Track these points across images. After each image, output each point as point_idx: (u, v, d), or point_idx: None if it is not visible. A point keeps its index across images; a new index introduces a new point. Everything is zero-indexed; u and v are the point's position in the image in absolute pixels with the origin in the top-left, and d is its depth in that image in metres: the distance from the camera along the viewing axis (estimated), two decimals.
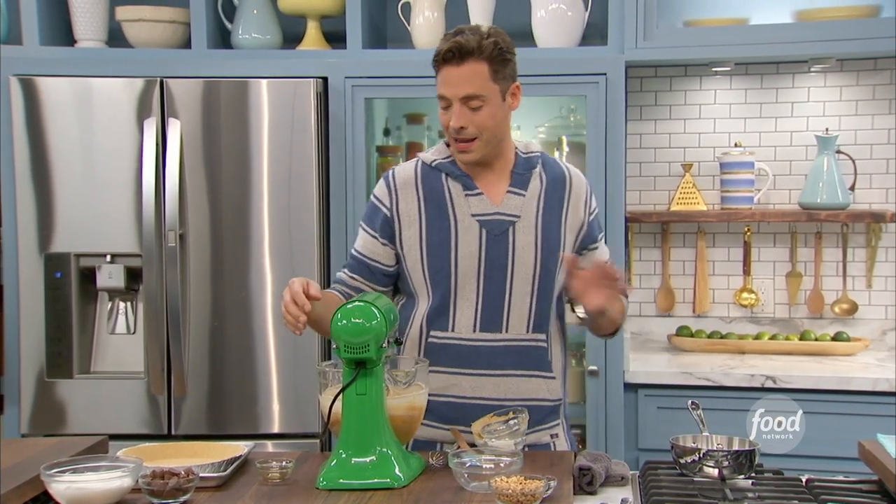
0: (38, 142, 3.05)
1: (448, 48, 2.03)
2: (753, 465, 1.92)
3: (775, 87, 3.49)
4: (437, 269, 2.11)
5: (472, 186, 2.14)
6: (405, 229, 2.14)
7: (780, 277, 3.53)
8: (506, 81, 2.08)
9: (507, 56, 2.07)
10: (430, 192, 2.15)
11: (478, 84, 2.03)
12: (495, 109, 2.07)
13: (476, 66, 2.03)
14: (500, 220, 2.12)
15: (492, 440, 2.00)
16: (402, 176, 2.18)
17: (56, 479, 1.75)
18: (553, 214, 2.16)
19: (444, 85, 2.05)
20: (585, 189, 2.22)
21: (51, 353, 3.06)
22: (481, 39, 2.03)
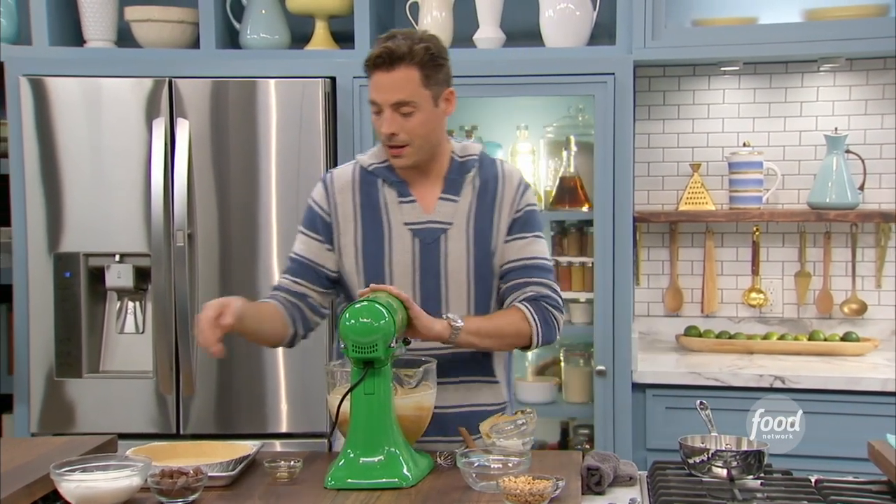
0: (47, 142, 3.06)
1: (378, 53, 2.00)
2: (762, 466, 1.91)
3: (784, 87, 3.48)
4: (372, 278, 2.09)
5: (405, 193, 2.12)
6: (343, 235, 2.14)
7: (788, 277, 3.52)
8: (438, 87, 2.06)
9: (440, 61, 2.05)
10: (366, 197, 2.13)
11: (409, 90, 2.01)
12: (427, 115, 2.05)
13: (407, 71, 2.00)
14: (431, 228, 2.11)
15: (500, 440, 2.00)
16: (340, 180, 2.16)
17: (65, 478, 1.76)
18: (485, 219, 2.13)
19: (375, 90, 2.03)
20: (516, 188, 2.16)
21: (60, 353, 3.07)
22: (412, 45, 2.01)
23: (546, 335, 2.11)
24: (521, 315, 2.09)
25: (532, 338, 2.10)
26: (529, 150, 3.47)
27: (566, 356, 3.41)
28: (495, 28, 3.26)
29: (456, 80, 3.08)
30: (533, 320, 2.09)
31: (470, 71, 3.10)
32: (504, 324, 2.09)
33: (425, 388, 2.03)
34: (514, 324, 2.08)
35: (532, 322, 2.09)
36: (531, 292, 2.12)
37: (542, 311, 2.11)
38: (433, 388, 2.04)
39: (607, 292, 3.09)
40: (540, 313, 2.11)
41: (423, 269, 2.09)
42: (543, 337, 2.11)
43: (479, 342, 2.06)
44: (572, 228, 3.43)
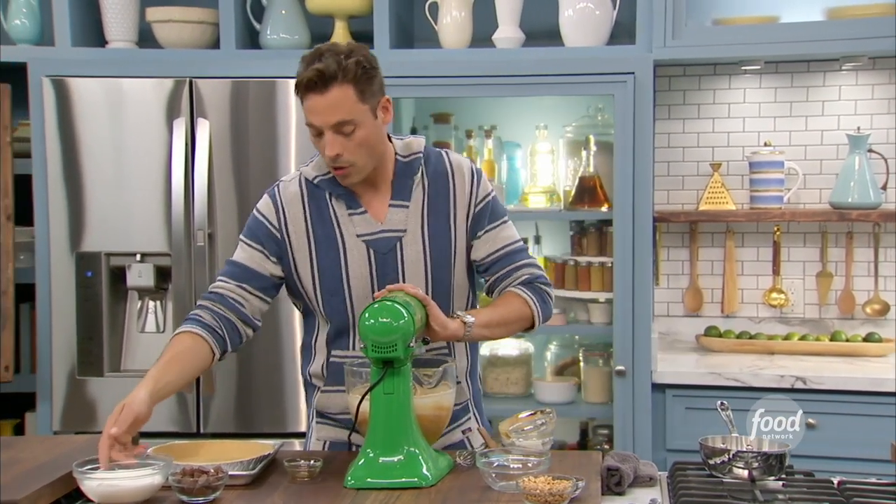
0: (69, 142, 3.09)
1: (309, 77, 1.92)
2: (784, 467, 1.90)
3: (806, 86, 3.45)
4: (331, 294, 2.07)
5: (355, 205, 2.07)
6: (296, 252, 2.09)
7: (810, 277, 3.50)
8: (374, 98, 2.00)
9: (372, 73, 1.98)
10: (316, 211, 2.08)
11: (346, 109, 1.94)
12: (368, 130, 1.99)
13: (341, 90, 1.93)
14: (385, 237, 2.07)
15: (519, 440, 2.00)
16: (288, 194, 2.10)
17: (88, 476, 1.77)
18: (440, 220, 2.09)
19: (312, 114, 1.95)
20: (468, 179, 2.10)
21: (82, 352, 3.09)
22: (342, 61, 1.92)
23: (545, 314, 2.15)
24: (521, 300, 2.10)
25: (534, 319, 2.12)
26: (549, 149, 3.46)
27: (585, 356, 3.40)
28: (515, 28, 3.26)
29: (475, 79, 3.12)
30: (533, 303, 2.11)
31: (489, 71, 3.11)
32: (509, 312, 2.09)
33: (444, 387, 2.03)
34: (517, 310, 2.10)
35: (532, 305, 2.11)
36: (525, 275, 2.13)
37: (538, 291, 2.13)
38: (452, 388, 2.04)
39: (627, 292, 3.08)
40: (537, 294, 2.12)
41: (381, 278, 2.06)
42: (543, 316, 2.14)
43: (489, 334, 2.08)
44: (591, 228, 3.42)
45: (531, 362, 3.48)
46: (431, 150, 2.15)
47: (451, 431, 2.15)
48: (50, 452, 1.97)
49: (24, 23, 3.34)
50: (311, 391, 2.20)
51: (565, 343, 3.58)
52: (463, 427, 2.18)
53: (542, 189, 3.42)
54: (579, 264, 3.38)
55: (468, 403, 2.20)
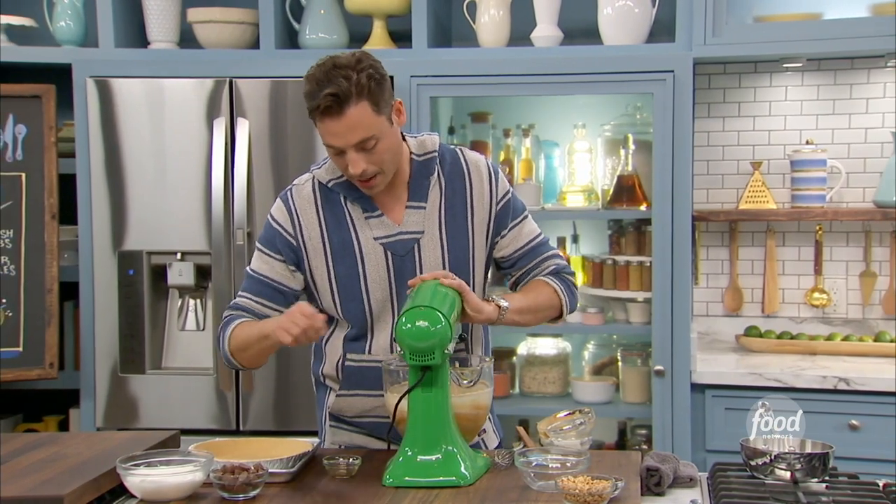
0: (112, 142, 3.13)
1: (327, 104, 1.88)
2: (827, 469, 1.88)
3: (849, 83, 3.41)
4: (349, 299, 2.06)
5: (372, 208, 2.04)
6: (312, 258, 2.06)
7: (853, 277, 3.45)
8: (388, 106, 1.95)
9: (382, 81, 1.94)
10: (331, 215, 2.05)
11: (366, 126, 1.90)
12: (388, 138, 1.96)
13: (358, 109, 1.89)
14: (403, 239, 2.05)
15: (558, 439, 1.99)
16: (302, 201, 2.07)
17: (131, 473, 1.79)
18: (457, 220, 2.07)
19: (331, 137, 1.92)
20: (486, 178, 2.08)
21: (124, 349, 3.13)
22: (355, 76, 1.88)
23: (572, 305, 2.16)
24: (551, 289, 2.12)
25: (562, 309, 2.13)
26: (587, 148, 3.44)
27: (623, 356, 3.38)
28: (553, 26, 3.25)
29: (513, 78, 3.11)
30: (562, 293, 2.12)
31: (527, 69, 3.10)
32: (540, 299, 2.10)
33: (482, 386, 2.03)
34: (548, 298, 2.11)
35: (561, 294, 2.12)
36: (552, 266, 2.14)
37: (565, 282, 2.15)
38: (490, 387, 2.04)
39: (665, 292, 3.06)
40: (564, 284, 2.14)
41: (400, 282, 2.04)
42: (570, 307, 2.16)
43: (520, 319, 2.07)
44: (630, 227, 3.40)
45: (569, 361, 3.46)
46: (446, 149, 2.12)
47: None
48: (94, 448, 2.00)
49: (69, 24, 3.39)
50: (324, 392, 2.19)
51: (603, 342, 3.56)
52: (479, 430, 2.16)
53: (580, 188, 3.40)
54: (617, 263, 3.37)
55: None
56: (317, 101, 1.90)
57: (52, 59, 3.32)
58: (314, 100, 1.91)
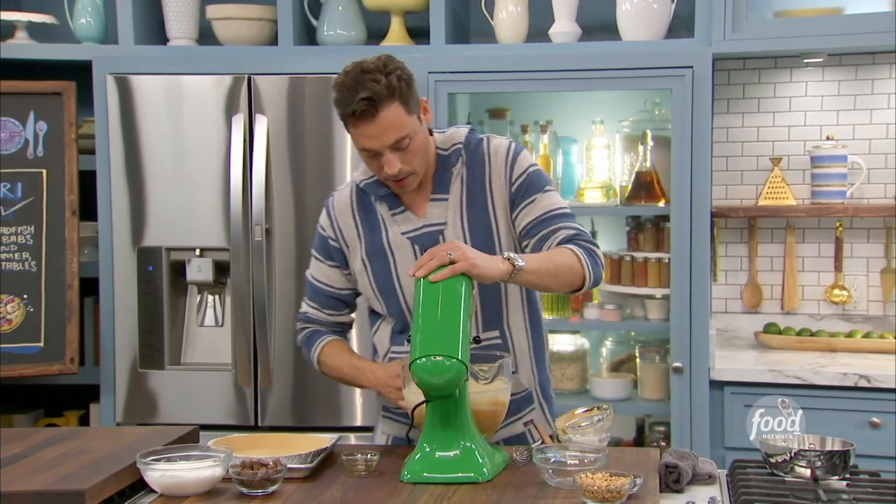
0: (131, 139, 3.14)
1: (362, 108, 1.92)
2: (848, 466, 1.86)
3: (871, 79, 3.38)
4: (387, 296, 2.11)
5: (396, 205, 2.11)
6: (352, 259, 2.15)
7: (873, 274, 3.42)
8: (417, 106, 2.00)
9: (410, 81, 1.98)
10: (365, 217, 2.13)
11: (399, 126, 1.95)
12: (420, 137, 2.01)
13: (391, 110, 1.94)
14: (427, 232, 2.09)
15: (576, 436, 1.99)
16: (340, 204, 2.16)
17: (151, 467, 1.80)
18: (478, 208, 2.09)
19: (367, 139, 1.97)
20: (504, 161, 2.09)
21: (143, 345, 3.14)
22: (384, 79, 1.92)
23: (596, 272, 2.04)
24: (572, 254, 2.01)
25: (584, 277, 2.02)
26: (605, 144, 3.43)
27: (642, 352, 3.37)
28: (571, 22, 3.24)
29: (531, 74, 3.11)
30: (584, 259, 2.01)
31: (545, 65, 3.09)
32: (560, 263, 1.99)
33: (500, 382, 2.02)
34: (568, 263, 2.00)
35: (582, 259, 2.01)
36: (562, 235, 2.04)
37: (585, 249, 2.03)
38: (508, 383, 2.03)
39: (684, 288, 3.05)
40: (584, 251, 2.03)
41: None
42: (593, 272, 2.03)
43: (537, 281, 1.98)
44: (648, 224, 3.39)
45: (587, 358, 3.46)
46: (473, 138, 2.14)
47: (512, 423, 2.14)
48: (114, 443, 2.01)
49: (90, 21, 3.41)
50: None
51: (621, 339, 3.56)
52: (525, 419, 2.18)
53: (598, 184, 3.39)
54: (636, 260, 3.36)
55: (531, 394, 2.19)
56: (351, 107, 1.94)
57: (72, 56, 3.34)
58: (348, 106, 1.94)
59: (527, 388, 2.18)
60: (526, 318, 2.17)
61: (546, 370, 2.24)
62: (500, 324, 2.13)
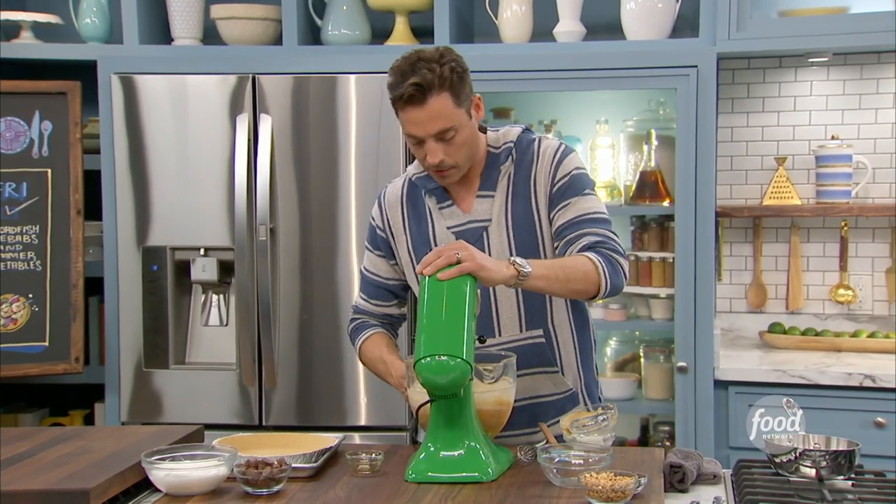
0: (136, 138, 3.14)
1: (410, 93, 1.95)
2: (853, 466, 1.86)
3: (876, 78, 3.37)
4: None
5: (444, 198, 2.13)
6: (398, 248, 2.18)
7: (879, 274, 3.42)
8: (468, 100, 2.03)
9: (464, 76, 2.01)
10: (413, 209, 2.16)
11: (446, 116, 1.98)
12: (466, 132, 2.03)
13: (439, 99, 1.96)
14: (472, 228, 2.10)
15: (580, 435, 1.99)
16: (390, 196, 2.20)
17: (156, 467, 1.80)
18: (523, 206, 2.09)
19: (412, 126, 1.99)
20: (550, 161, 2.09)
21: (148, 344, 3.15)
22: (438, 69, 1.95)
23: (614, 281, 2.01)
24: (587, 260, 2.00)
25: (600, 283, 1.99)
26: (609, 144, 3.43)
27: (646, 352, 3.37)
28: (576, 21, 3.23)
29: (535, 73, 3.10)
30: (599, 265, 1.99)
31: (550, 65, 3.09)
32: (571, 269, 1.98)
33: (505, 382, 2.02)
34: (581, 269, 1.98)
35: (600, 268, 1.99)
36: (585, 241, 2.03)
37: (604, 256, 2.01)
38: (513, 383, 2.03)
39: (688, 288, 3.05)
40: (603, 258, 2.01)
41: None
42: (612, 283, 2.00)
43: (545, 286, 1.97)
44: (653, 223, 3.39)
45: None
46: (525, 138, 2.15)
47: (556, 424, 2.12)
48: (119, 442, 2.01)
49: (94, 21, 3.42)
50: None
51: (625, 339, 3.55)
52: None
53: (602, 184, 3.39)
54: (640, 259, 3.35)
55: (577, 394, 2.18)
56: (400, 91, 1.97)
57: (77, 56, 3.35)
58: (398, 89, 1.98)
59: (571, 388, 2.17)
60: (571, 318, 2.16)
61: (593, 371, 2.23)
62: (545, 322, 2.13)
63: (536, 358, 2.13)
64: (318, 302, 3.08)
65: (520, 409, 2.08)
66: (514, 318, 2.12)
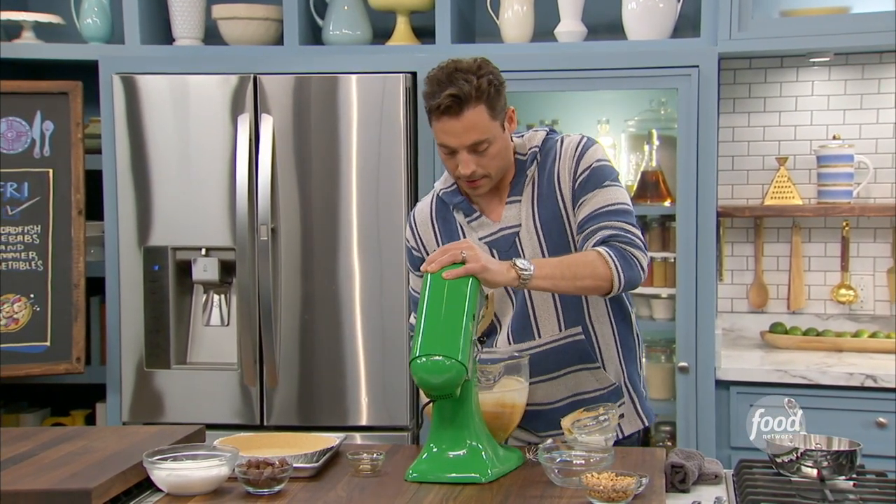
0: (137, 138, 3.14)
1: (447, 104, 1.96)
2: (855, 466, 1.86)
3: (877, 78, 3.37)
4: None
5: (471, 211, 2.13)
6: None
7: (880, 274, 3.42)
8: (502, 113, 2.04)
9: (500, 88, 2.02)
10: (444, 225, 2.16)
11: (481, 129, 1.98)
12: (500, 144, 2.03)
13: (475, 111, 1.97)
14: (504, 235, 2.11)
15: (582, 436, 1.99)
16: (420, 216, 2.21)
17: (157, 467, 1.81)
18: (549, 206, 2.09)
19: (446, 136, 2.00)
20: (571, 157, 2.08)
21: (149, 344, 3.15)
22: (475, 80, 1.96)
23: (628, 274, 1.97)
24: (596, 255, 1.97)
25: (613, 280, 1.96)
26: (610, 144, 3.43)
27: (647, 352, 3.36)
28: (577, 21, 3.23)
29: (537, 73, 3.10)
30: (610, 259, 1.96)
31: (551, 65, 3.09)
32: (579, 266, 1.96)
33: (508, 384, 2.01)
34: (590, 264, 1.95)
35: (610, 261, 1.96)
36: (600, 235, 2.01)
37: (617, 250, 1.98)
38: (521, 385, 2.02)
39: (690, 288, 3.04)
40: (616, 252, 1.98)
41: None
42: (625, 276, 1.96)
43: (550, 286, 1.96)
44: (654, 223, 3.38)
45: None
46: (550, 139, 2.15)
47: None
48: (121, 442, 2.01)
49: (96, 21, 3.42)
50: None
51: None
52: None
53: None
54: None
55: (620, 388, 2.18)
56: (437, 101, 1.97)
57: (78, 56, 3.35)
58: (434, 99, 1.98)
59: (614, 382, 2.18)
60: (610, 313, 2.16)
61: (636, 364, 2.22)
62: (583, 319, 2.13)
63: (577, 355, 2.14)
64: (320, 302, 3.08)
65: (564, 407, 2.11)
66: (552, 318, 2.12)
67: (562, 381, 2.15)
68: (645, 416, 2.24)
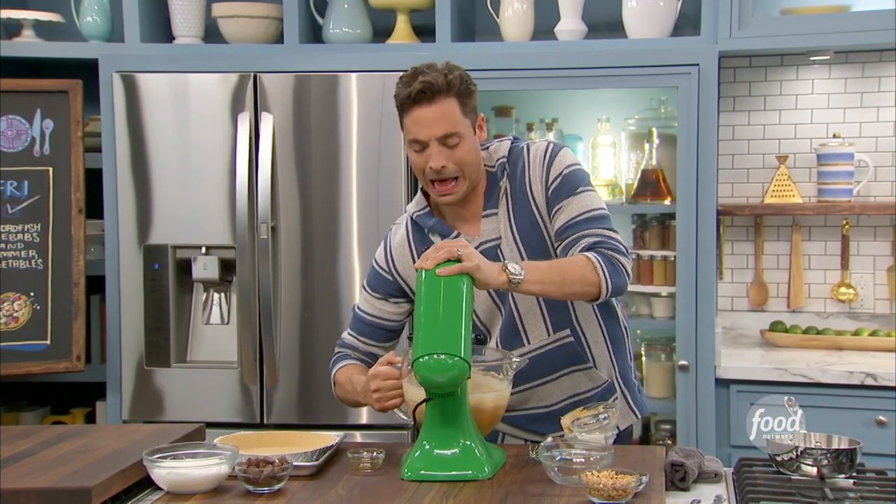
0: (137, 137, 3.15)
1: (420, 89, 1.97)
2: (854, 465, 1.86)
3: (878, 76, 3.37)
4: None
5: (448, 231, 2.11)
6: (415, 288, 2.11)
7: (880, 272, 3.42)
8: (473, 115, 2.05)
9: (472, 88, 2.04)
10: (422, 249, 2.11)
11: (452, 120, 1.99)
12: (470, 144, 2.03)
13: (447, 102, 1.98)
14: (485, 248, 2.08)
15: (581, 434, 1.99)
16: (396, 243, 2.17)
17: (157, 465, 1.81)
18: (524, 215, 2.09)
19: (418, 126, 1.99)
20: (541, 164, 2.08)
21: (149, 343, 3.15)
22: (447, 75, 1.99)
23: (615, 280, 1.99)
24: (585, 260, 1.98)
25: (601, 285, 1.98)
26: (611, 142, 3.43)
27: (647, 351, 3.37)
28: (577, 20, 3.23)
29: (537, 72, 3.10)
30: (598, 265, 1.98)
31: (551, 63, 3.09)
32: (568, 271, 1.97)
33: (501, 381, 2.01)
34: (578, 269, 1.97)
35: (599, 268, 1.97)
36: (584, 243, 2.02)
37: (604, 256, 2.00)
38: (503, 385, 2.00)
39: (690, 286, 3.04)
40: (604, 258, 2.00)
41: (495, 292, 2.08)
42: (613, 283, 1.99)
43: (539, 290, 1.97)
44: (654, 222, 3.38)
45: None
46: (515, 148, 2.14)
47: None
48: (121, 441, 2.01)
49: (96, 20, 3.42)
50: None
51: None
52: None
53: (604, 182, 3.39)
54: (641, 258, 3.35)
55: (612, 384, 2.19)
56: (409, 90, 1.98)
57: (78, 54, 3.35)
58: (406, 89, 1.99)
59: (606, 379, 2.18)
60: (596, 310, 2.16)
61: (626, 357, 2.23)
62: (570, 322, 2.13)
63: (569, 358, 2.14)
64: (320, 300, 3.09)
65: (564, 409, 2.11)
66: (539, 324, 2.12)
67: (557, 384, 2.15)
68: (637, 409, 2.24)
